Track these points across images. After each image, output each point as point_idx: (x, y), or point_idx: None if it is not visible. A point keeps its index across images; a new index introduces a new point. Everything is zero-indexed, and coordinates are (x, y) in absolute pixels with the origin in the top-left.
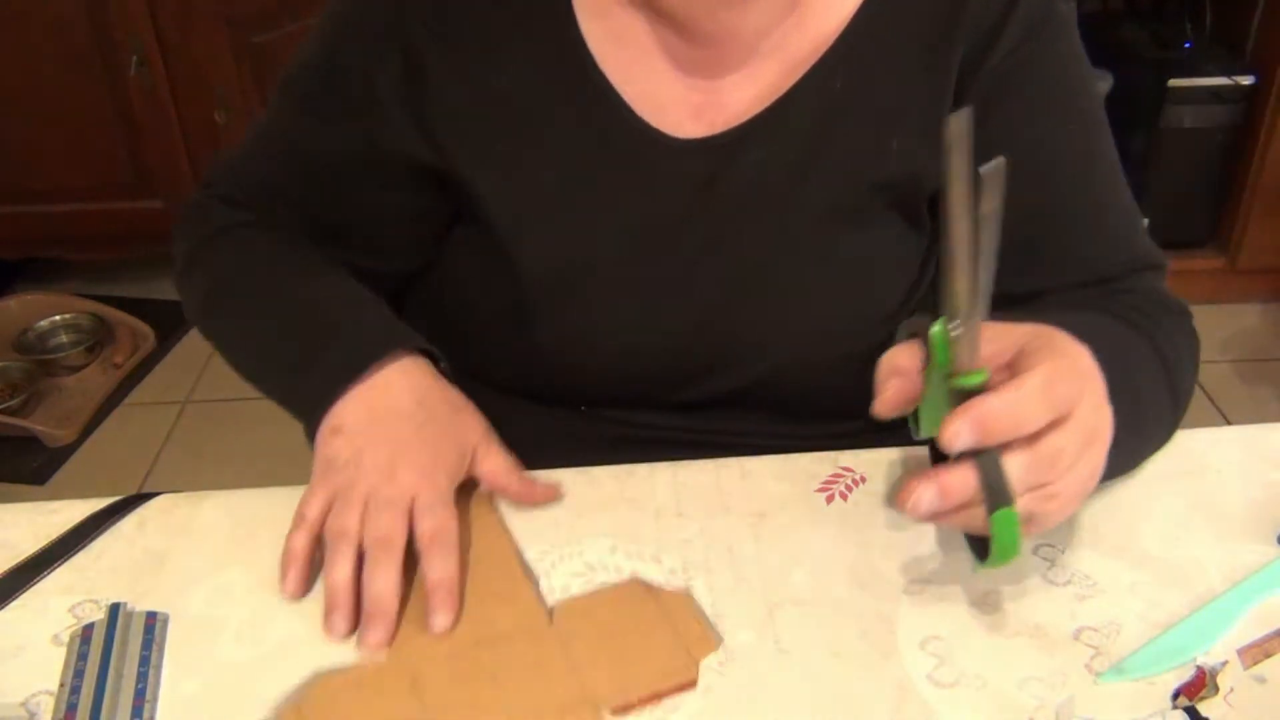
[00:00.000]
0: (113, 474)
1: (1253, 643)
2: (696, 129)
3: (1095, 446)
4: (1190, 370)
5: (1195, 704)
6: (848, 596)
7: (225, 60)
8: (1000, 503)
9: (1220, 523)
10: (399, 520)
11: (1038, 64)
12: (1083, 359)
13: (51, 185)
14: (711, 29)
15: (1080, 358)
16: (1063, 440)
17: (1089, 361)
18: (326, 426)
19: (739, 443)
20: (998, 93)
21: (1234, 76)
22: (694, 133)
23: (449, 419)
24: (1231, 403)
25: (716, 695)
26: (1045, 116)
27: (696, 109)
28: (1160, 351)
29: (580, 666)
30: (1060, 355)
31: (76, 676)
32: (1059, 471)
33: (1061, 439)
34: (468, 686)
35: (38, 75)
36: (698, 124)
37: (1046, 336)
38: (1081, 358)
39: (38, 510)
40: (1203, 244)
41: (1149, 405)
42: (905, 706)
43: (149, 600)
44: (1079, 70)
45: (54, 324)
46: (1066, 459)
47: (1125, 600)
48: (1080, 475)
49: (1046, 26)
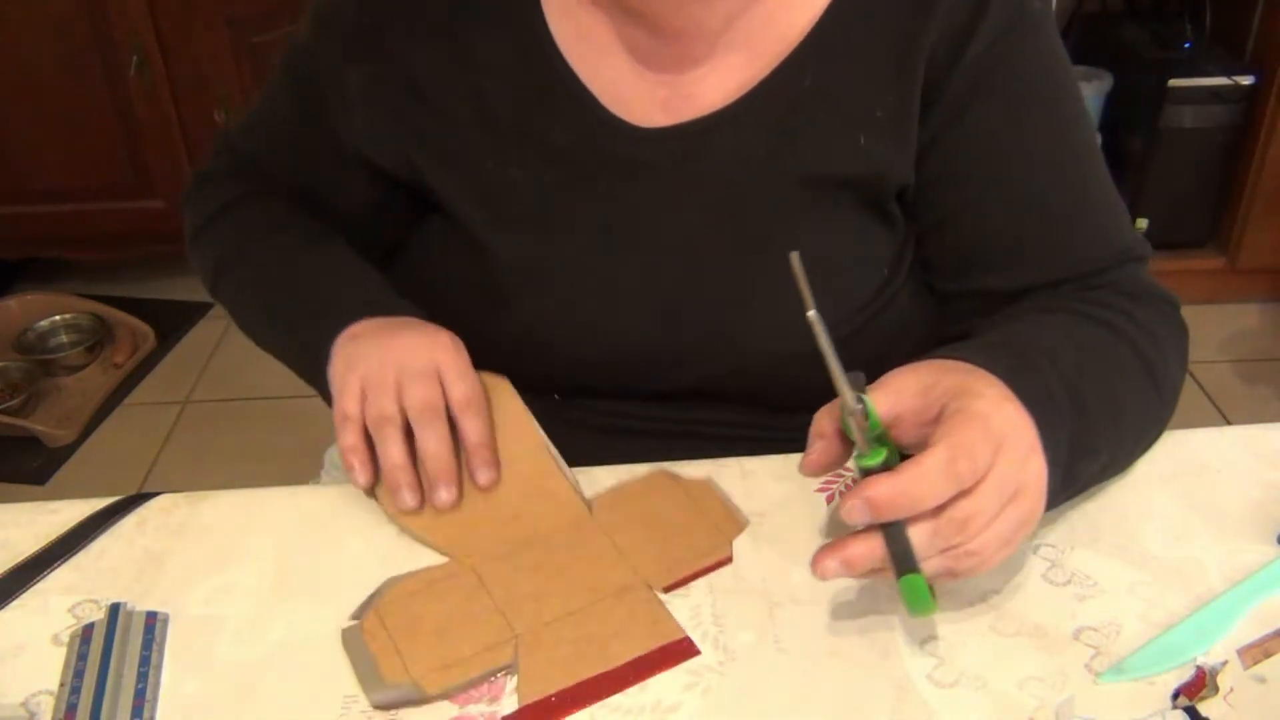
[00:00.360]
0: (113, 474)
1: (1253, 643)
2: (664, 121)
3: (1020, 501)
4: (1175, 359)
5: (1195, 704)
6: (848, 596)
7: (225, 60)
8: (905, 569)
9: (1220, 523)
10: (434, 387)
11: (1011, 62)
12: (997, 418)
13: (51, 185)
14: (679, 23)
15: (994, 417)
16: (974, 506)
17: (1007, 417)
18: (343, 335)
19: (716, 434)
20: (972, 91)
21: (1234, 76)
22: (662, 124)
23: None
24: (1231, 403)
25: (716, 695)
26: (1021, 114)
27: (663, 102)
28: (1138, 347)
29: (628, 553)
30: (970, 423)
31: (76, 676)
32: (972, 533)
33: (973, 505)
34: (530, 580)
35: (38, 75)
36: (665, 116)
37: (965, 398)
38: (995, 416)
39: (38, 510)
40: (1203, 244)
41: (1129, 404)
42: (905, 706)
43: (149, 600)
44: (1055, 66)
45: (54, 324)
46: (980, 520)
47: (1125, 600)
48: (1001, 531)
49: (1020, 24)
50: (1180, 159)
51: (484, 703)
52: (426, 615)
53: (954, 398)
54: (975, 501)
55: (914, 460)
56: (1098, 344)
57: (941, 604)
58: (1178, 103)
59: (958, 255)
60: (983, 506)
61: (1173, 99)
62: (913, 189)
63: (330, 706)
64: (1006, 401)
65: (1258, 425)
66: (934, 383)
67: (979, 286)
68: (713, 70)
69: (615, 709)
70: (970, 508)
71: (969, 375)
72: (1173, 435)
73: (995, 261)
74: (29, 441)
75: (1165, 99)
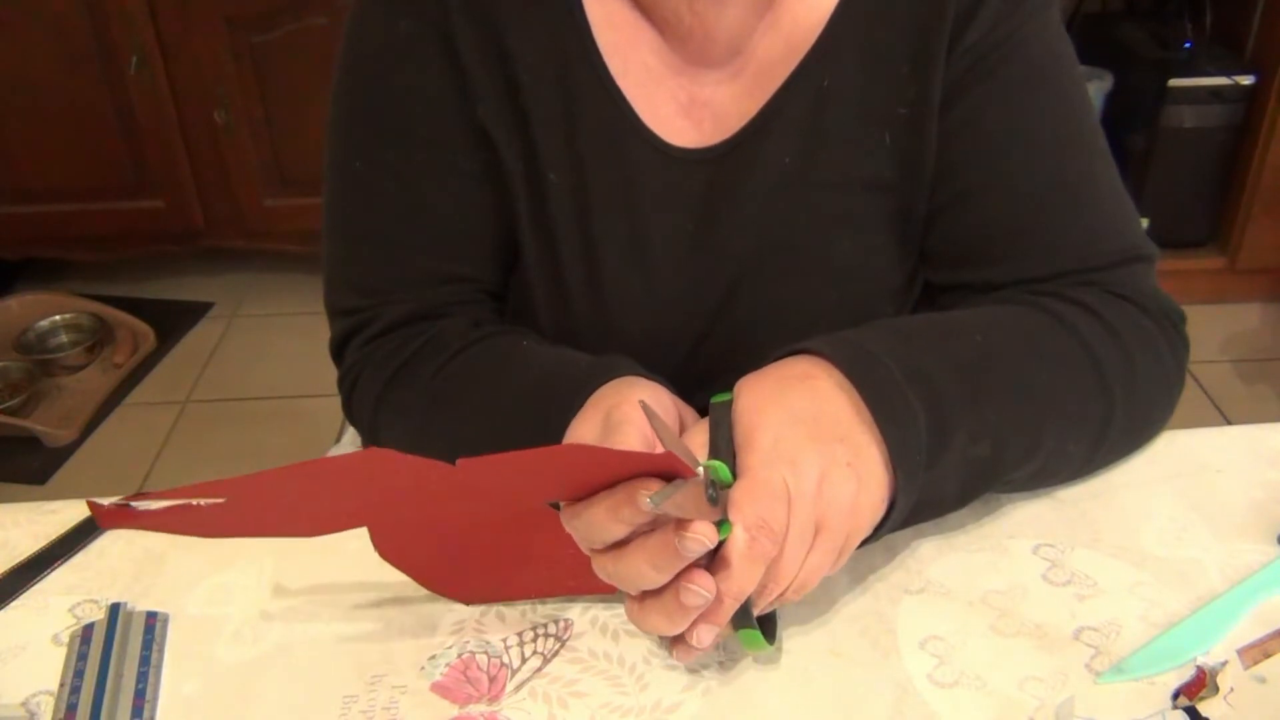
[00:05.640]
0: (113, 474)
1: (1253, 643)
2: (686, 129)
3: (827, 532)
4: (1146, 364)
5: (1195, 704)
6: (848, 596)
7: (225, 60)
8: (741, 625)
9: (1220, 523)
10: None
11: (1014, 44)
12: (778, 464)
13: (51, 185)
14: (690, 23)
15: (774, 465)
16: (783, 564)
17: (788, 449)
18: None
19: None
20: (972, 73)
21: (1234, 76)
22: (688, 136)
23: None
24: (1231, 403)
25: (716, 695)
26: (1023, 97)
27: (684, 107)
28: (1085, 342)
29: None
30: (754, 491)
31: (76, 676)
32: (787, 579)
33: (781, 564)
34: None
35: (38, 75)
36: (686, 123)
37: (743, 452)
38: (775, 464)
39: (38, 510)
40: (1203, 244)
41: (1056, 393)
42: (905, 706)
43: (149, 600)
44: (1059, 52)
45: (54, 324)
46: (791, 569)
47: (1125, 600)
48: (813, 567)
49: (1023, 6)
50: (1180, 159)
51: (484, 703)
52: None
53: (738, 451)
54: (783, 560)
55: (719, 559)
56: (1029, 332)
57: (941, 604)
58: (1178, 103)
59: (956, 246)
60: (790, 557)
61: (1173, 99)
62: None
63: (330, 707)
64: (792, 425)
65: (1258, 425)
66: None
67: (975, 279)
68: (729, 76)
69: (615, 709)
70: (779, 566)
71: (756, 411)
72: (1173, 435)
73: (993, 253)
74: (29, 441)
75: (1165, 99)
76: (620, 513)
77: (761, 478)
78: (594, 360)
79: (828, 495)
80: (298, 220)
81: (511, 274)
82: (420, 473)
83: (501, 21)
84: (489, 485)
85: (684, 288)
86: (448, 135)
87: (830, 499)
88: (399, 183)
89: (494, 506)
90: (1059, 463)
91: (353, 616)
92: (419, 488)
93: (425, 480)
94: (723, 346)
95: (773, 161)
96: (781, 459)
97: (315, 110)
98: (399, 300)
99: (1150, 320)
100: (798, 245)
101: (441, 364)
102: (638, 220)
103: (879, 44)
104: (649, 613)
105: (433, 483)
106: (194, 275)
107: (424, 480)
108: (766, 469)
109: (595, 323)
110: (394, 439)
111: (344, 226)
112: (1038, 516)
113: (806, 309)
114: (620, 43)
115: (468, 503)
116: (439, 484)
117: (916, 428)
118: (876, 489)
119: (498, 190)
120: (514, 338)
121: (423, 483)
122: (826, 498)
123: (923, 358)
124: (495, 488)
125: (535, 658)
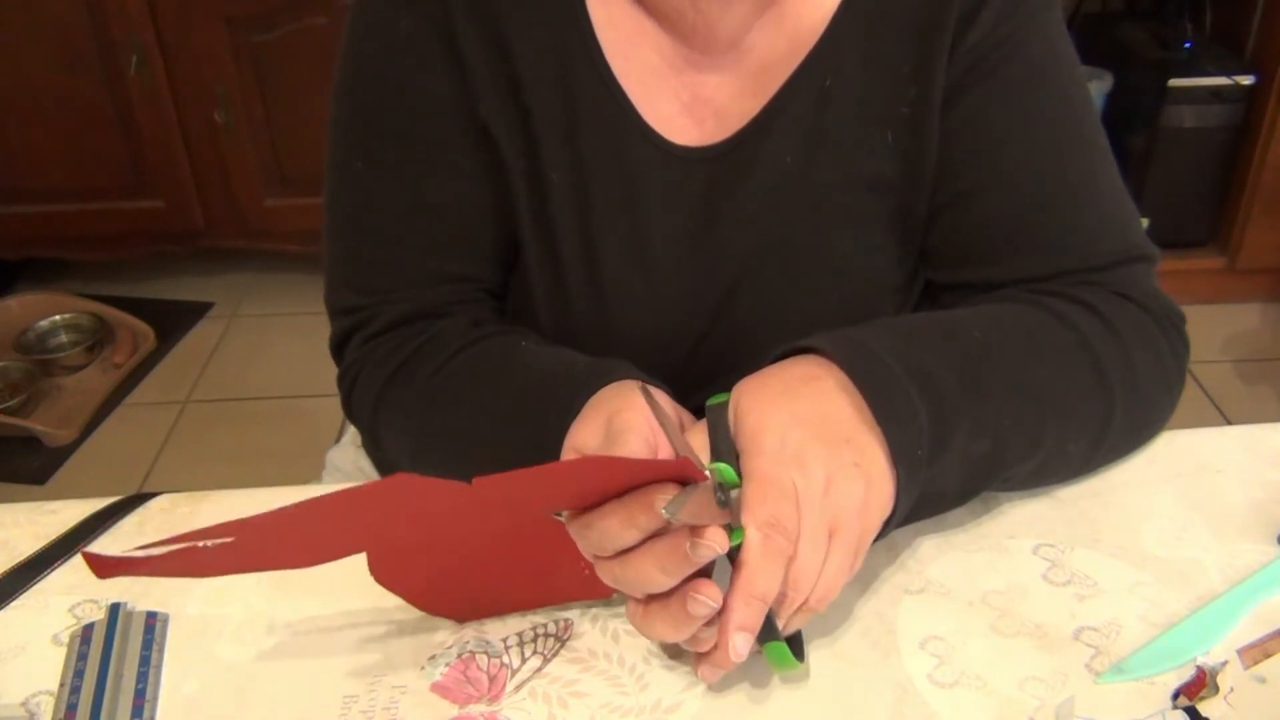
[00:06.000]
0: (113, 474)
1: (1253, 643)
2: (688, 127)
3: (841, 532)
4: (1146, 363)
5: (1195, 704)
6: (848, 596)
7: (225, 60)
8: (767, 639)
9: (1220, 523)
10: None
11: (1015, 44)
12: (785, 467)
13: (51, 185)
14: (694, 20)
15: (783, 468)
16: (799, 567)
17: (795, 449)
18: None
19: None
20: (974, 73)
21: (1234, 76)
22: (690, 134)
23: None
24: (1231, 403)
25: (716, 695)
26: (1024, 97)
27: (686, 106)
28: (1086, 340)
29: None
30: (762, 491)
31: (76, 676)
32: (807, 588)
33: (798, 567)
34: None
35: (38, 75)
36: (688, 121)
37: (747, 457)
38: (782, 466)
39: (38, 510)
40: (1203, 244)
41: (1056, 390)
42: (905, 707)
43: (149, 600)
44: (1060, 52)
45: (54, 324)
46: (810, 574)
47: (1125, 600)
48: (838, 566)
49: (1025, 6)
50: (1180, 159)
51: (484, 703)
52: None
53: (742, 454)
54: (799, 564)
55: (738, 564)
56: (1030, 330)
57: (941, 604)
58: (1178, 102)
59: (957, 245)
60: (806, 560)
61: (1173, 99)
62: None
63: (330, 706)
64: (796, 427)
65: (1258, 425)
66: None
67: (976, 278)
68: (732, 75)
69: (615, 709)
70: (796, 570)
71: (760, 413)
72: (1173, 435)
73: (994, 252)
74: (29, 441)
75: (1165, 99)
76: (636, 520)
77: (770, 477)
78: (593, 362)
79: (837, 497)
80: (298, 220)
81: (511, 273)
82: (444, 495)
83: (503, 20)
84: (503, 501)
85: (685, 286)
86: (449, 134)
87: (840, 501)
88: (400, 181)
89: (502, 521)
90: (1059, 461)
91: (353, 617)
92: (435, 509)
93: (448, 502)
94: (723, 345)
95: (774, 160)
96: (788, 460)
97: (315, 110)
98: (399, 299)
99: (1151, 320)
100: (799, 244)
101: (441, 363)
102: (638, 219)
103: (881, 43)
104: (653, 618)
105: (450, 503)
106: (194, 275)
107: (447, 502)
108: (774, 470)
109: (595, 321)
110: (393, 437)
111: (344, 225)
112: (1038, 516)
113: (807, 308)
114: (622, 41)
115: (477, 520)
116: (454, 503)
117: (917, 425)
118: (883, 487)
119: (498, 189)
120: (513, 338)
121: (444, 504)
122: (836, 500)
123: (924, 355)
124: (508, 503)
125: (535, 658)
